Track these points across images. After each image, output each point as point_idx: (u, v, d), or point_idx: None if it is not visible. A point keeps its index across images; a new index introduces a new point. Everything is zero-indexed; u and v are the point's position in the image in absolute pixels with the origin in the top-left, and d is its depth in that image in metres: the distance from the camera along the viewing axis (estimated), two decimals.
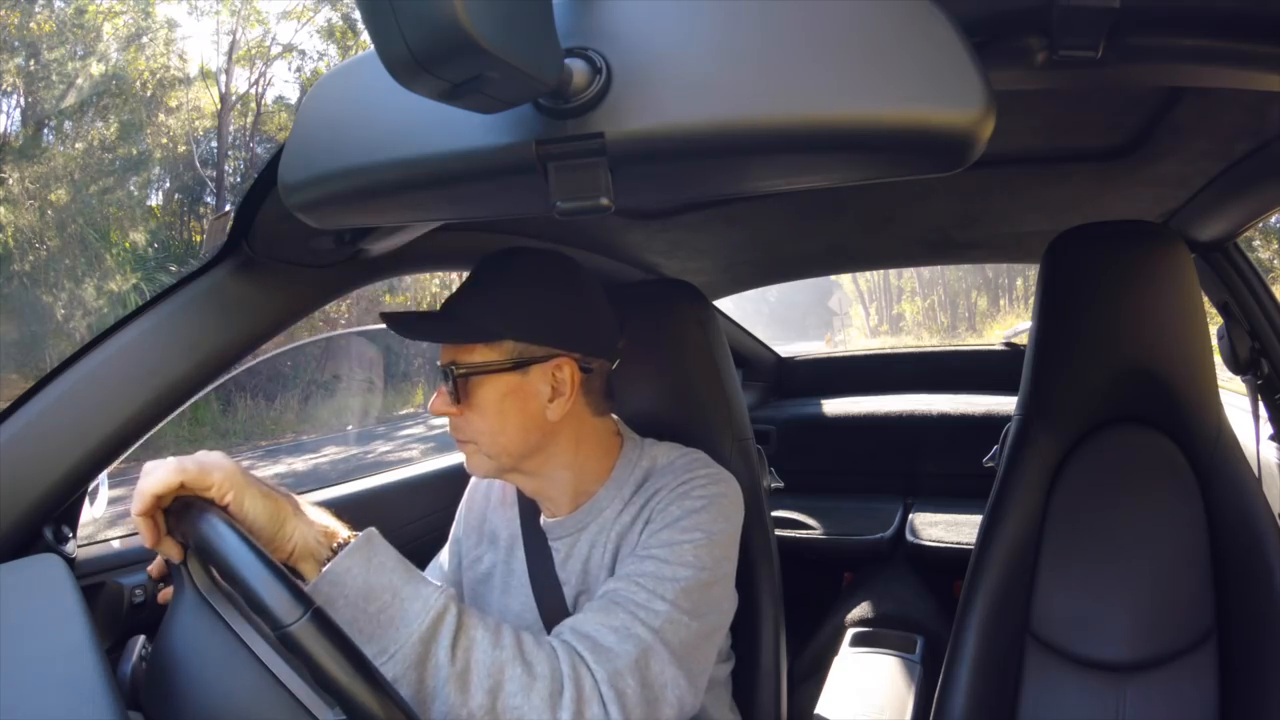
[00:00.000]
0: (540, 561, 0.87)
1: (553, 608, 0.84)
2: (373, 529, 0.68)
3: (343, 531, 0.69)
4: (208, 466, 0.61)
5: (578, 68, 0.40)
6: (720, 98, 0.40)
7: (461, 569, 0.96)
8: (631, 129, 0.40)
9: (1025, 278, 14.03)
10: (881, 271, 11.31)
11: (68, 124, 9.12)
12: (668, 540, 0.76)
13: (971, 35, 0.39)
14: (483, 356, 0.78)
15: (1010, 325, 13.05)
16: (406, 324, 0.80)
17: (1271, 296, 1.29)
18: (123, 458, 0.81)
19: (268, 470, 6.51)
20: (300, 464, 6.84)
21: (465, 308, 0.80)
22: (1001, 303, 14.71)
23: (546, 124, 0.41)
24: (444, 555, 1.00)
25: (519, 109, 0.41)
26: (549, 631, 0.75)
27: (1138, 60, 0.55)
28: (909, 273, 13.30)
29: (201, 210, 10.36)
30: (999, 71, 0.50)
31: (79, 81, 8.89)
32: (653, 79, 0.40)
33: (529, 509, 0.90)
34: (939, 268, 10.77)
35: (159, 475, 0.60)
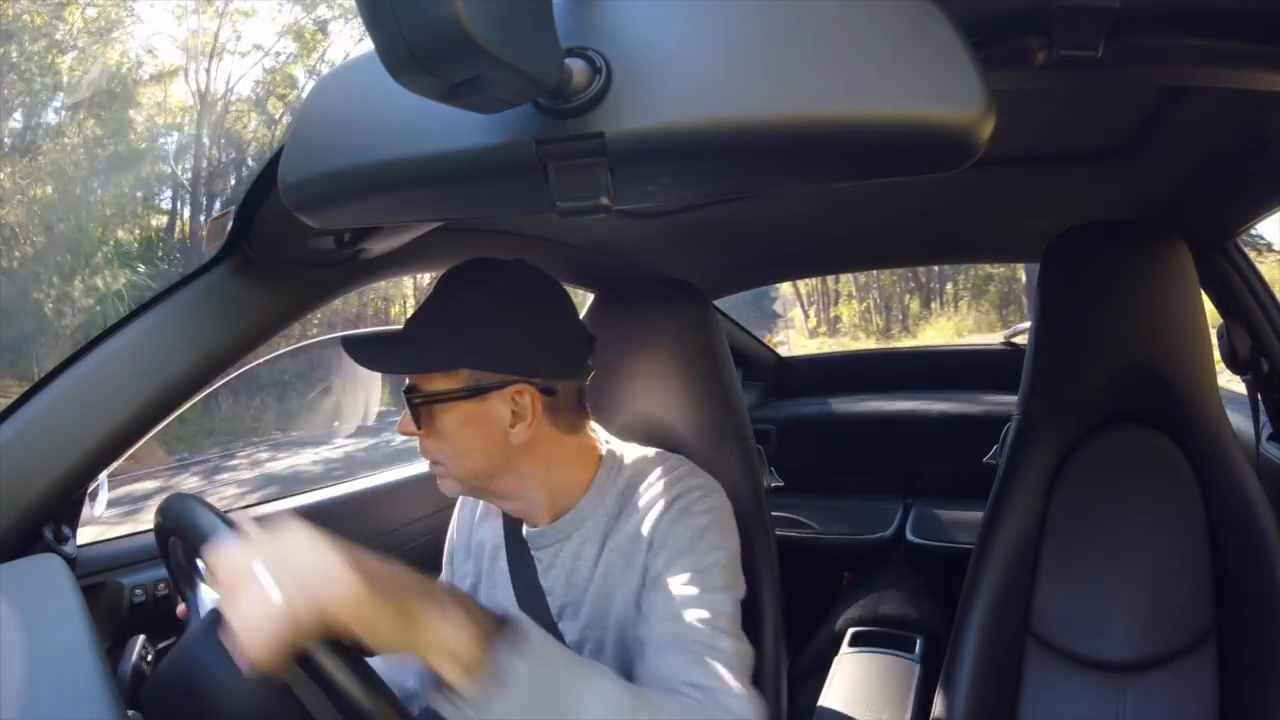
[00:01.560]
0: (523, 571, 0.86)
1: (536, 618, 0.84)
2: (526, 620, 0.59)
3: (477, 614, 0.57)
4: (322, 603, 0.48)
5: (578, 67, 0.40)
6: (720, 97, 0.40)
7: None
8: (631, 129, 0.40)
9: (955, 282, 14.23)
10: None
11: (55, 122, 9.16)
12: (692, 566, 0.75)
13: (971, 35, 0.39)
14: (441, 385, 0.76)
15: (941, 327, 13.20)
16: (365, 352, 0.78)
17: (1271, 296, 1.29)
18: (123, 458, 0.82)
19: (287, 461, 6.73)
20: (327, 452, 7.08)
21: (423, 333, 0.78)
22: (933, 305, 14.83)
23: (546, 124, 0.41)
24: (443, 578, 0.99)
25: (519, 109, 0.41)
26: None
27: (1138, 60, 0.55)
28: (846, 276, 13.32)
29: (165, 208, 10.47)
30: (999, 71, 0.50)
31: (87, 79, 8.91)
32: (652, 79, 0.40)
33: (512, 518, 0.89)
34: (874, 272, 10.89)
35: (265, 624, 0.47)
